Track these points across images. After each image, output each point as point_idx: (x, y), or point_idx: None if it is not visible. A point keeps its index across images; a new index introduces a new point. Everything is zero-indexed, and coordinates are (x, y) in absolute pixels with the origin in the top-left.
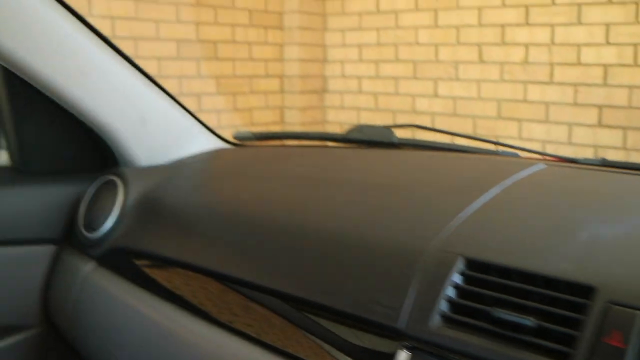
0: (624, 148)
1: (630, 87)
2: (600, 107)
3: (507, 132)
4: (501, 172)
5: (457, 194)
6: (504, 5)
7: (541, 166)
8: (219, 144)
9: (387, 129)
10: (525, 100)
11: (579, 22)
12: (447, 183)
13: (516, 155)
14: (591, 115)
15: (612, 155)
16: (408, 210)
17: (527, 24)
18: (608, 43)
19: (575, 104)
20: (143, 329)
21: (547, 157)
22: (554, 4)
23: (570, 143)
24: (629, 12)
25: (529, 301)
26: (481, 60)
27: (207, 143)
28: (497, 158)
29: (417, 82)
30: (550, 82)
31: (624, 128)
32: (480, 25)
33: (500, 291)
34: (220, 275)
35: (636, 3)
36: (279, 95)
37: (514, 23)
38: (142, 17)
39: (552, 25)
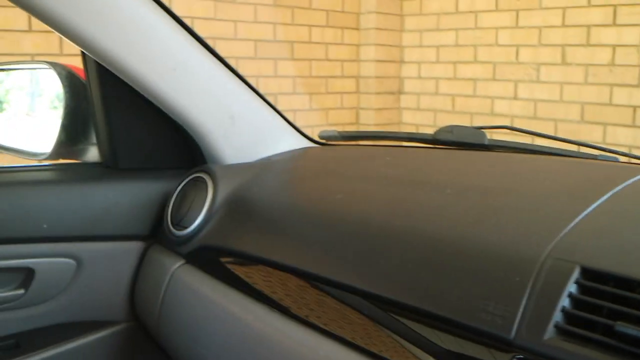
0: None
1: None
2: None
3: (591, 137)
4: (610, 177)
5: (570, 199)
6: (589, 4)
7: None
8: (306, 143)
9: (479, 130)
10: (610, 104)
11: None
12: (555, 187)
13: (616, 160)
14: None
15: None
16: (517, 214)
17: (615, 24)
18: None
19: None
20: (230, 327)
21: None
22: None
23: None
24: None
25: None
26: (564, 62)
27: (294, 142)
28: (599, 163)
29: (496, 83)
30: (639, 85)
31: None
32: (564, 25)
33: (619, 303)
34: (315, 277)
35: None
36: (354, 95)
37: (600, 23)
38: (221, 17)
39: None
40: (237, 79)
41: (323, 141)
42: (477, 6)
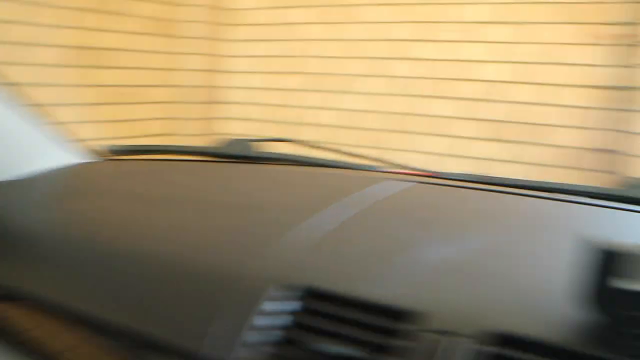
0: (513, 161)
1: (513, 103)
2: (485, 121)
3: (398, 144)
4: (345, 188)
5: (289, 213)
6: (400, 21)
7: (391, 182)
8: (83, 158)
9: (258, 142)
10: (415, 114)
11: (473, 40)
12: (285, 201)
13: (382, 170)
14: (476, 129)
15: (495, 167)
16: (237, 232)
17: (420, 39)
18: (503, 60)
19: (462, 117)
20: None
21: (418, 173)
22: (444, 21)
23: (454, 155)
24: (513, 31)
25: (348, 328)
26: (375, 74)
27: (67, 157)
28: (358, 173)
29: (309, 94)
30: (440, 96)
31: (506, 141)
32: (376, 39)
33: (316, 317)
34: (52, 304)
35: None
36: (171, 105)
37: (408, 38)
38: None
39: (442, 42)
40: None
41: (105, 156)
42: (294, 18)
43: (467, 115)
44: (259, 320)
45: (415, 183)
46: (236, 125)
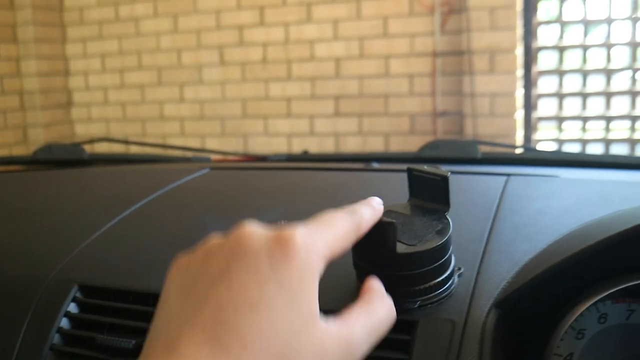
0: (360, 133)
1: (360, 78)
2: (336, 98)
3: (254, 130)
4: (156, 182)
5: (94, 214)
6: (239, 7)
7: (206, 170)
8: None
9: (77, 146)
10: (267, 98)
11: (309, 20)
12: (91, 201)
13: (208, 160)
14: (328, 106)
15: (351, 141)
16: (39, 237)
17: (263, 24)
18: (336, 38)
19: (314, 97)
20: None
21: (239, 158)
22: (285, 4)
23: (312, 134)
24: (351, 9)
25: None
26: (223, 62)
27: None
28: (176, 166)
29: (163, 88)
30: (289, 79)
31: (359, 115)
32: (219, 27)
33: (115, 315)
34: None
35: (357, 0)
36: (19, 113)
37: (250, 24)
38: None
39: (285, 25)
40: None
41: None
42: (137, 12)
43: (315, 93)
44: (59, 322)
45: (224, 170)
46: (90, 126)
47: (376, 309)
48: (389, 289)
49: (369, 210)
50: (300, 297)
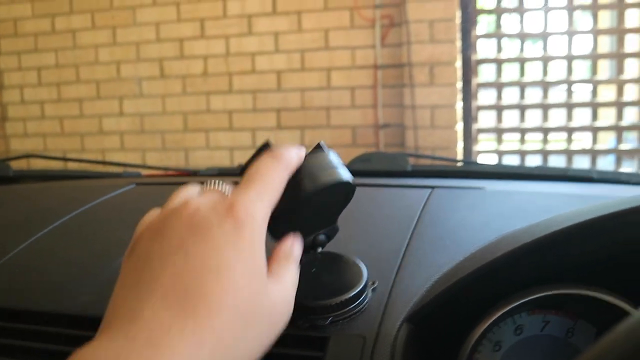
0: (303, 146)
1: (302, 90)
2: (277, 111)
3: (196, 144)
4: (79, 199)
5: (11, 232)
6: (179, 20)
7: (132, 186)
8: None
9: (1, 162)
10: (209, 111)
11: (250, 33)
12: (8, 219)
13: (138, 175)
14: (271, 119)
15: None
16: None
17: (203, 36)
18: (278, 51)
19: (255, 110)
20: None
21: (170, 173)
22: (225, 16)
23: (254, 147)
24: (292, 22)
25: (38, 342)
26: (163, 75)
27: None
28: (103, 182)
29: (101, 102)
30: (230, 92)
31: (301, 128)
32: (159, 40)
33: (27, 338)
34: None
35: (298, 13)
36: None
37: (191, 36)
38: None
39: (226, 37)
40: None
41: None
42: (74, 25)
43: (257, 106)
44: None
45: (151, 185)
46: (26, 141)
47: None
48: (300, 306)
49: (294, 151)
50: (254, 260)
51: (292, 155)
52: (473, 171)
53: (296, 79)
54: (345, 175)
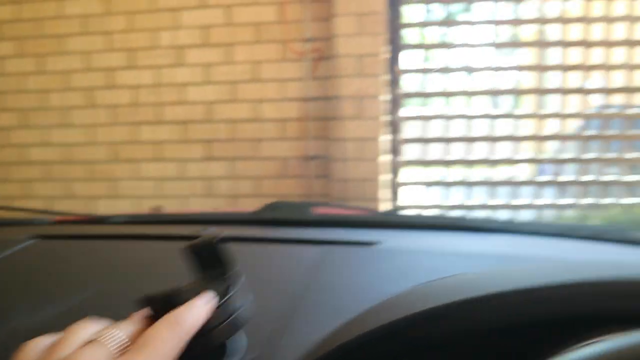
0: (232, 177)
1: (232, 122)
2: (207, 142)
3: (125, 174)
4: None
5: None
6: (110, 49)
7: (30, 242)
8: None
9: None
10: (138, 141)
11: (182, 64)
12: None
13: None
14: (200, 150)
15: (222, 185)
16: None
17: (133, 66)
18: (208, 82)
19: (185, 141)
20: None
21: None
22: (156, 47)
23: (183, 178)
24: (223, 53)
25: None
26: (92, 105)
27: None
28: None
29: (26, 131)
30: (160, 122)
31: (231, 159)
32: (89, 69)
33: None
34: None
35: (229, 45)
36: None
37: (121, 66)
38: None
39: (157, 67)
40: None
41: None
42: (1, 51)
43: (187, 137)
44: None
45: (51, 239)
46: None
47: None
48: None
49: (198, 312)
50: None
51: (194, 321)
52: (375, 221)
53: (231, 109)
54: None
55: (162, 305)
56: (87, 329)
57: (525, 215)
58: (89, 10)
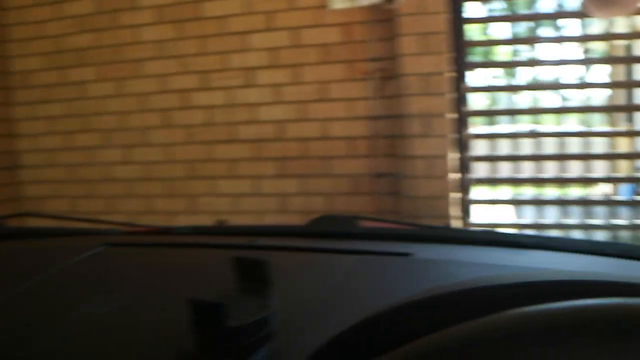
0: (305, 194)
1: (303, 140)
2: (280, 159)
3: (202, 191)
4: (51, 258)
5: None
6: (184, 72)
7: (100, 249)
8: None
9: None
10: (213, 159)
11: (252, 85)
12: None
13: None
14: (272, 167)
15: (296, 201)
16: None
17: (207, 88)
18: (278, 102)
19: (258, 159)
20: None
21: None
22: (227, 69)
23: (257, 194)
24: (293, 74)
25: None
26: (169, 125)
27: None
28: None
29: (111, 150)
30: (234, 140)
31: (302, 176)
32: (164, 91)
33: None
34: None
35: (298, 65)
36: None
37: (195, 88)
38: None
39: (229, 88)
40: None
41: None
42: (84, 77)
43: (260, 155)
44: None
45: (120, 246)
46: (39, 188)
47: None
48: None
49: None
50: None
51: None
52: (415, 234)
53: (302, 128)
54: None
55: (203, 309)
56: None
57: (598, 236)
58: (163, 36)
